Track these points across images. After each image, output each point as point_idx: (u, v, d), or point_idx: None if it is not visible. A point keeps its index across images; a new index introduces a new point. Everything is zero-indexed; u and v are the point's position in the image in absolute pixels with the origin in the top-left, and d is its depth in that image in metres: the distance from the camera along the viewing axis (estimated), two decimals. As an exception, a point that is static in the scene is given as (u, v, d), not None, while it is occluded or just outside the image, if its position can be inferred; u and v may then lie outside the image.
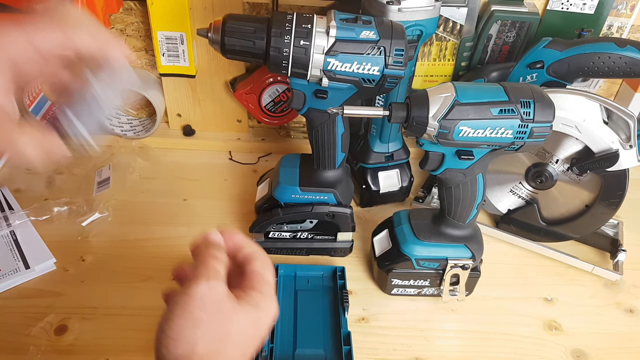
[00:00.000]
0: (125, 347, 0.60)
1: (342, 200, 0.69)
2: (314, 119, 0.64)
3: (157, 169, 0.87)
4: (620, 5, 0.80)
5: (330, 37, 0.55)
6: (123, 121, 0.92)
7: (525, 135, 0.53)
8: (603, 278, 0.74)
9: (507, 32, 0.81)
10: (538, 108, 0.52)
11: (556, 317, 0.68)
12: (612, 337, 0.67)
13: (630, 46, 0.67)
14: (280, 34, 0.55)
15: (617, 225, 0.79)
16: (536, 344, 0.65)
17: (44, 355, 0.59)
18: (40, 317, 0.62)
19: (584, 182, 0.72)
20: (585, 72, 0.70)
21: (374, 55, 0.56)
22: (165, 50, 0.80)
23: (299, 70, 0.56)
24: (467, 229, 0.64)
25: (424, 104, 0.53)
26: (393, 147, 0.79)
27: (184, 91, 0.88)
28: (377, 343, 0.63)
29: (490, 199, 0.80)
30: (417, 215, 0.68)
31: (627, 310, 0.70)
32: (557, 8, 0.79)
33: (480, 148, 0.55)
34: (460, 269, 0.65)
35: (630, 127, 0.64)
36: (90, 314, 0.63)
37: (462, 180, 0.59)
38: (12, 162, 0.39)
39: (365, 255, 0.75)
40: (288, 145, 0.93)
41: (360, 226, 0.78)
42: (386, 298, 0.69)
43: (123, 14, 0.80)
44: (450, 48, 0.82)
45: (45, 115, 0.88)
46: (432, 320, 0.67)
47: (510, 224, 0.79)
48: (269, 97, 0.86)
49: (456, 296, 0.67)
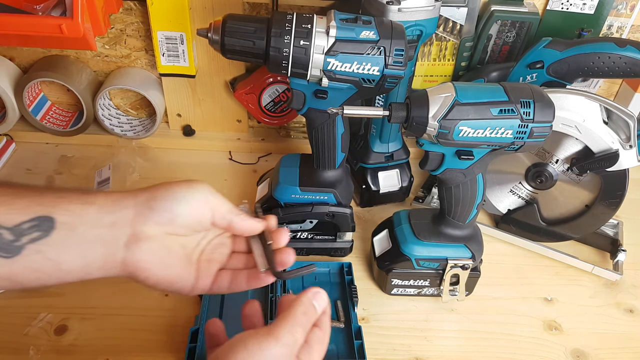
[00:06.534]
0: (125, 347, 0.60)
1: (342, 200, 0.69)
2: (314, 119, 0.64)
3: (157, 169, 0.87)
4: (620, 5, 0.80)
5: (330, 37, 0.55)
6: (123, 121, 0.92)
7: (525, 135, 0.53)
8: (603, 278, 0.74)
9: (507, 32, 0.81)
10: (538, 108, 0.52)
11: (556, 317, 0.68)
12: (612, 337, 0.67)
13: (630, 46, 0.67)
14: (280, 34, 0.55)
15: (617, 225, 0.79)
16: (536, 344, 0.65)
17: (44, 355, 0.58)
18: (40, 317, 0.62)
19: (584, 182, 0.72)
20: (585, 72, 0.70)
21: (374, 55, 0.56)
22: (165, 50, 0.80)
23: (298, 70, 0.56)
24: (467, 229, 0.64)
25: (424, 104, 0.53)
26: (393, 147, 0.79)
27: (184, 91, 0.88)
28: (377, 343, 0.63)
29: (490, 199, 0.80)
30: (417, 215, 0.68)
31: (627, 310, 0.70)
32: (557, 8, 0.79)
33: (480, 148, 0.55)
34: (460, 269, 0.65)
35: (630, 127, 0.64)
36: (90, 314, 0.63)
37: (462, 180, 0.59)
38: None
39: (365, 255, 0.74)
40: (288, 145, 0.93)
41: (360, 226, 0.78)
42: (386, 298, 0.69)
43: (123, 14, 0.80)
44: (450, 48, 0.82)
45: (45, 116, 0.88)
46: (432, 320, 0.67)
47: (510, 224, 0.79)
48: (269, 97, 0.86)
49: (456, 296, 0.67)
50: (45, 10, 0.65)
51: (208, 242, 0.47)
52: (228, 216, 0.44)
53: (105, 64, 0.87)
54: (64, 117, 0.91)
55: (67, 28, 0.63)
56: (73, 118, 0.91)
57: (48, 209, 0.38)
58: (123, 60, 0.86)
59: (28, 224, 0.37)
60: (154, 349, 0.60)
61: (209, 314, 0.61)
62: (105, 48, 0.84)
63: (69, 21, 0.63)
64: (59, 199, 0.39)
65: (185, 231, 0.43)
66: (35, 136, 0.89)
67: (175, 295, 0.66)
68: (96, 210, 0.39)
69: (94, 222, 0.39)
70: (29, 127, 0.88)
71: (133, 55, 0.85)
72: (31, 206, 0.37)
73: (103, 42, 0.83)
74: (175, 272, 0.43)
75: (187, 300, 0.65)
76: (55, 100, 0.91)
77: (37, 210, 0.37)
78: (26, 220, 0.37)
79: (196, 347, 0.57)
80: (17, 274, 0.37)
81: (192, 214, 0.42)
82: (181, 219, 0.42)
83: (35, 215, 0.37)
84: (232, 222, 0.45)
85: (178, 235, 0.43)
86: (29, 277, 0.38)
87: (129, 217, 0.40)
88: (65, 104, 0.92)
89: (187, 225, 0.43)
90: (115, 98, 0.91)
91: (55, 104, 0.91)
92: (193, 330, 0.59)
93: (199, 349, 0.57)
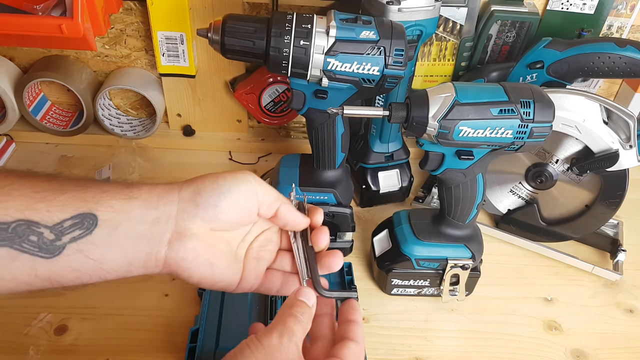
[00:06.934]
0: (125, 347, 0.60)
1: (342, 200, 0.69)
2: (314, 119, 0.64)
3: (157, 169, 0.87)
4: (620, 5, 0.80)
5: (330, 37, 0.55)
6: (123, 121, 0.92)
7: (525, 135, 0.53)
8: (603, 278, 0.74)
9: (507, 32, 0.81)
10: (538, 108, 0.52)
11: (556, 317, 0.68)
12: (612, 337, 0.67)
13: (630, 46, 0.67)
14: (280, 34, 0.55)
15: (617, 225, 0.79)
16: (536, 344, 0.65)
17: (44, 355, 0.58)
18: (40, 317, 0.62)
19: (584, 182, 0.72)
20: (585, 72, 0.70)
21: (374, 55, 0.56)
22: (165, 50, 0.80)
23: (298, 70, 0.56)
24: (467, 229, 0.64)
25: (424, 104, 0.53)
26: (393, 147, 0.79)
27: (183, 91, 0.88)
28: (377, 343, 0.63)
29: (490, 199, 0.80)
30: (417, 215, 0.68)
31: (627, 310, 0.70)
32: (557, 8, 0.79)
33: (480, 148, 0.55)
34: (460, 269, 0.65)
35: (630, 127, 0.64)
36: (90, 314, 0.63)
37: (462, 180, 0.59)
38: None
39: (365, 255, 0.74)
40: (288, 145, 0.93)
41: (360, 226, 0.78)
42: (386, 298, 0.69)
43: (123, 14, 0.80)
44: (450, 48, 0.82)
45: (45, 116, 0.88)
46: (432, 321, 0.67)
47: (510, 224, 0.79)
48: (269, 97, 0.86)
49: (456, 296, 0.67)
50: (45, 10, 0.65)
51: (255, 237, 0.45)
52: (275, 204, 0.42)
53: (105, 64, 0.87)
54: (64, 117, 0.91)
55: (67, 28, 0.63)
56: (73, 118, 0.91)
57: (90, 205, 0.35)
58: (123, 60, 0.86)
59: (70, 222, 0.34)
60: (154, 349, 0.60)
61: (209, 314, 0.61)
62: (105, 48, 0.84)
63: (69, 21, 0.63)
64: (102, 194, 0.36)
65: (230, 226, 0.41)
66: (35, 136, 0.89)
67: (176, 295, 0.66)
68: (140, 205, 0.37)
69: (137, 219, 0.37)
70: (29, 127, 0.88)
71: (133, 55, 0.85)
72: (73, 202, 0.35)
73: (103, 42, 0.83)
74: (219, 270, 0.41)
75: (187, 300, 0.65)
76: (55, 100, 0.91)
77: (79, 207, 0.35)
78: (68, 218, 0.34)
79: (196, 347, 0.57)
80: (56, 274, 0.35)
81: (239, 208, 0.40)
82: (227, 214, 0.40)
83: (77, 212, 0.35)
84: (279, 210, 0.43)
85: (223, 230, 0.41)
86: (68, 277, 0.36)
87: (173, 213, 0.38)
88: (65, 104, 0.92)
89: (233, 220, 0.41)
90: (115, 98, 0.91)
91: (55, 104, 0.91)
92: (193, 330, 0.59)
93: (198, 349, 0.57)
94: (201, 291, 0.64)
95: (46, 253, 0.34)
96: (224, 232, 0.41)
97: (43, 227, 0.34)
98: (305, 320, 0.39)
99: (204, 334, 0.58)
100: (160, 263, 0.38)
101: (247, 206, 0.41)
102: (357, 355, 0.39)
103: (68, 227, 0.34)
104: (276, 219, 0.44)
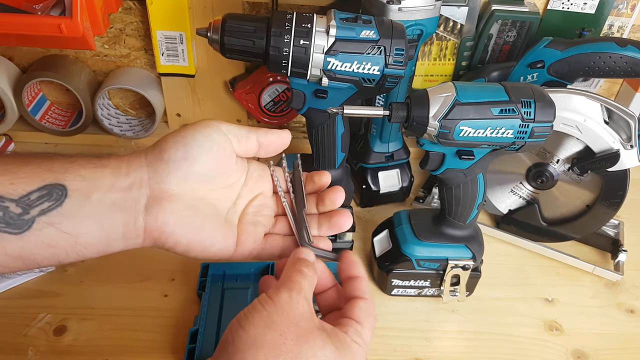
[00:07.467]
0: (125, 347, 0.60)
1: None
2: (314, 118, 0.64)
3: (156, 169, 0.87)
4: (621, 5, 0.80)
5: (330, 36, 0.55)
6: (122, 121, 0.91)
7: (526, 135, 0.53)
8: (604, 278, 0.74)
9: (508, 31, 0.80)
10: (539, 108, 0.52)
11: (557, 318, 0.68)
12: (612, 337, 0.67)
13: (631, 46, 0.66)
14: (280, 34, 0.54)
15: (618, 225, 0.79)
16: (537, 344, 0.65)
17: (43, 355, 0.58)
18: (39, 318, 0.62)
19: (585, 182, 0.72)
20: (586, 72, 0.70)
21: (374, 54, 0.55)
22: (164, 49, 0.80)
23: (298, 69, 0.56)
24: (467, 229, 0.64)
25: (424, 103, 0.53)
26: (393, 147, 0.79)
27: (183, 91, 0.88)
28: (377, 344, 0.63)
29: (490, 199, 0.80)
30: (418, 215, 0.68)
31: (628, 310, 0.70)
32: (558, 8, 0.79)
33: (480, 148, 0.55)
34: (460, 270, 0.64)
35: (631, 127, 0.64)
36: (90, 314, 0.63)
37: (462, 180, 0.59)
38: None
39: (365, 255, 0.74)
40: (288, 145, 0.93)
41: (360, 226, 0.78)
42: (386, 298, 0.69)
43: (122, 13, 0.80)
44: (450, 47, 0.82)
45: (44, 116, 0.88)
46: (433, 321, 0.67)
47: (511, 224, 0.79)
48: (269, 97, 0.86)
49: (457, 297, 0.67)
50: (44, 10, 0.64)
51: (248, 202, 0.43)
52: (250, 135, 0.40)
53: (105, 63, 0.86)
54: (63, 117, 0.90)
55: (67, 28, 0.63)
56: (72, 118, 0.91)
57: (58, 175, 0.34)
58: (122, 59, 0.86)
59: (37, 194, 0.33)
60: (153, 349, 0.60)
61: (208, 315, 0.61)
62: (104, 48, 0.84)
63: (68, 21, 0.62)
64: (70, 164, 0.35)
65: (211, 178, 0.39)
66: (34, 136, 0.89)
67: (175, 295, 0.66)
68: (110, 173, 0.36)
69: (109, 187, 0.35)
70: (28, 127, 0.88)
71: (132, 55, 0.85)
72: (39, 173, 0.33)
73: (102, 41, 0.83)
74: (207, 234, 0.39)
75: (187, 300, 0.65)
76: (55, 100, 0.91)
77: (46, 177, 0.33)
78: (34, 190, 0.33)
79: (195, 348, 0.57)
80: (29, 251, 0.33)
81: (212, 153, 0.38)
82: (200, 162, 0.38)
83: (44, 184, 0.33)
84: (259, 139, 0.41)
85: (205, 189, 0.39)
86: (42, 254, 0.34)
87: (145, 177, 0.36)
88: (64, 103, 0.91)
89: (210, 168, 0.39)
90: (114, 98, 0.91)
91: (54, 103, 0.91)
92: (192, 331, 0.59)
93: (198, 350, 0.57)
94: (201, 292, 0.64)
95: (14, 228, 0.32)
96: (206, 192, 0.39)
97: (8, 201, 0.32)
98: (310, 274, 0.38)
99: (203, 334, 0.58)
100: (141, 232, 0.36)
101: (220, 148, 0.39)
102: (368, 312, 0.38)
103: (35, 199, 0.33)
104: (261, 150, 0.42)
